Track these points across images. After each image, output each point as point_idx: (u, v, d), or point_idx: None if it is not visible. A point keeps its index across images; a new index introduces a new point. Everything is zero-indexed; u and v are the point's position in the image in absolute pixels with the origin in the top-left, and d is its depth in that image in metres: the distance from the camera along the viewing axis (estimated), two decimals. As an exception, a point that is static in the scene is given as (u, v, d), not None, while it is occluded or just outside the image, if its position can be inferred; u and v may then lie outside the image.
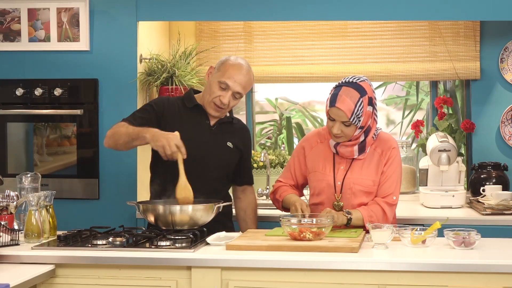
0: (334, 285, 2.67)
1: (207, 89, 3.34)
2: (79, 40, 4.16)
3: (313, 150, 3.31)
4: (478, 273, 2.60)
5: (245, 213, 3.51)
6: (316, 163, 3.28)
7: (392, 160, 3.21)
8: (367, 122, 3.14)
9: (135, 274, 2.78)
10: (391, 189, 3.19)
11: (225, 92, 3.28)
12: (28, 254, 2.81)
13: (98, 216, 4.08)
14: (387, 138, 3.27)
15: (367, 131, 3.16)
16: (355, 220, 3.09)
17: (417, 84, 5.38)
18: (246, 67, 3.33)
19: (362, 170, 3.20)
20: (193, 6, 4.09)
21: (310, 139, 3.35)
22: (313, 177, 3.28)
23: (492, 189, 4.07)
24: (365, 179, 3.18)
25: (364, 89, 3.11)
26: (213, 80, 3.31)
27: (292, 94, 5.55)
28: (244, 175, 3.53)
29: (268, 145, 5.53)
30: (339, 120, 3.09)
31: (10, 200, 3.11)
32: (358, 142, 3.17)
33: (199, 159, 3.26)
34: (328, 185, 3.22)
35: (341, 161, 3.23)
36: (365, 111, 3.10)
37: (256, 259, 2.70)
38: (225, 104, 3.29)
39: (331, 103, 3.09)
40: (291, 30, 4.61)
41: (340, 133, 3.11)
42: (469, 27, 4.45)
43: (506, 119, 4.36)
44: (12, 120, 4.23)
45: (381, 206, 3.15)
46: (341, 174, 3.21)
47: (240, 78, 3.29)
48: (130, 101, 4.14)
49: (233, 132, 3.43)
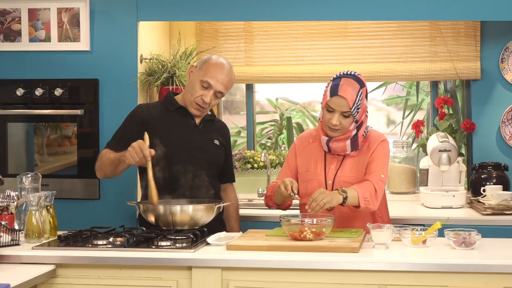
0: (334, 285, 2.67)
1: (189, 89, 3.35)
2: (80, 40, 4.16)
3: (305, 150, 3.31)
4: (478, 273, 2.60)
5: (228, 212, 3.51)
6: (307, 162, 3.28)
7: (379, 148, 3.20)
8: (362, 116, 3.16)
9: (136, 274, 2.78)
10: (378, 167, 3.16)
11: (207, 91, 3.29)
12: (29, 254, 2.81)
13: (99, 216, 4.08)
14: (376, 134, 3.28)
15: (359, 126, 3.17)
16: (351, 198, 3.02)
17: (418, 84, 5.38)
18: (228, 67, 3.34)
19: (352, 168, 3.20)
20: (193, 6, 4.09)
21: (302, 139, 3.37)
22: (303, 177, 3.28)
23: (493, 189, 4.07)
24: (356, 177, 3.18)
25: (362, 81, 3.16)
26: (195, 79, 3.31)
27: (292, 94, 5.55)
28: (227, 173, 3.55)
29: (269, 145, 5.53)
30: (339, 110, 3.10)
31: (10, 200, 3.11)
32: (350, 136, 3.16)
33: (191, 158, 3.27)
34: (319, 184, 3.21)
35: (332, 160, 3.24)
36: (363, 103, 3.13)
37: (257, 259, 2.71)
38: (207, 103, 3.30)
39: (333, 93, 3.10)
40: (292, 30, 4.62)
41: (338, 125, 3.11)
42: (470, 27, 4.45)
43: (507, 119, 4.36)
44: (13, 120, 4.23)
45: (372, 183, 3.10)
46: (332, 173, 3.22)
47: (222, 77, 3.30)
48: (130, 101, 4.14)
49: (216, 130, 3.46)
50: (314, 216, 2.97)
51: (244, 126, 5.16)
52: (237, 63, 4.61)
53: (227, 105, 5.57)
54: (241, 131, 5.51)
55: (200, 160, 3.32)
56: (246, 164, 4.63)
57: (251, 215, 4.01)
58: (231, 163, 3.63)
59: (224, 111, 5.23)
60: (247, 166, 4.63)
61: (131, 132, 3.27)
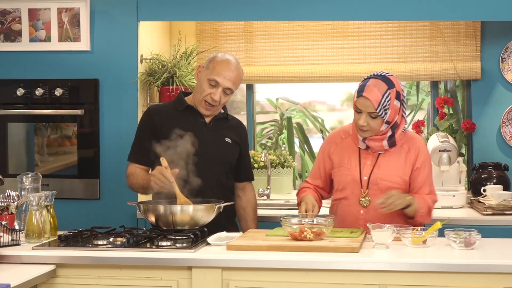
0: (334, 285, 2.67)
1: (198, 88, 3.36)
2: (80, 40, 4.17)
3: (338, 147, 3.29)
4: (478, 273, 2.60)
5: (245, 211, 3.51)
6: (341, 158, 3.26)
7: (424, 157, 3.22)
8: (394, 118, 3.12)
9: (136, 274, 2.78)
10: (431, 187, 3.23)
11: (215, 89, 3.30)
12: (29, 254, 2.81)
13: (99, 216, 4.08)
14: (413, 135, 3.29)
15: (394, 127, 3.15)
16: (411, 209, 3.10)
17: (418, 84, 5.38)
18: (234, 63, 3.35)
19: (389, 166, 3.19)
20: (194, 6, 4.09)
21: (334, 137, 3.35)
22: (338, 172, 3.27)
23: (493, 189, 4.07)
24: (393, 175, 3.17)
25: (392, 82, 3.13)
26: (203, 78, 3.33)
27: (292, 94, 5.55)
28: (244, 171, 3.53)
29: (269, 145, 5.52)
30: (366, 111, 3.09)
31: (10, 200, 3.11)
32: (385, 137, 3.16)
33: (200, 157, 3.26)
34: (353, 180, 3.20)
35: (367, 156, 3.22)
36: (392, 104, 3.09)
37: (257, 259, 2.70)
38: (216, 101, 3.31)
39: (359, 93, 3.10)
40: (292, 30, 4.62)
41: (366, 126, 3.10)
42: (470, 27, 4.45)
43: (507, 119, 4.36)
44: (13, 120, 4.23)
45: (428, 202, 3.17)
46: (367, 169, 3.20)
47: (229, 74, 3.30)
48: (130, 101, 4.14)
49: (229, 128, 3.45)
50: (314, 217, 2.99)
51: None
52: (237, 63, 4.60)
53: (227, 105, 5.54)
54: (241, 131, 5.50)
55: (207, 157, 3.30)
56: (246, 164, 4.62)
57: (251, 215, 4.00)
58: (249, 161, 3.58)
59: (225, 111, 5.22)
60: (248, 166, 4.62)
61: (147, 141, 3.30)
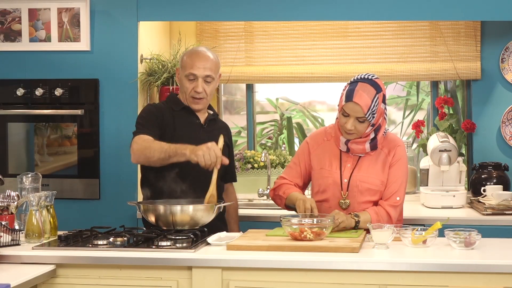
0: (334, 285, 2.67)
1: (181, 89, 3.41)
2: (80, 40, 4.16)
3: (319, 148, 3.30)
4: (478, 273, 2.60)
5: (228, 214, 3.52)
6: (322, 160, 3.27)
7: (398, 158, 3.22)
8: (379, 120, 3.15)
9: (136, 274, 2.78)
10: (395, 189, 3.19)
11: (196, 82, 3.33)
12: (29, 254, 2.81)
13: (99, 216, 4.08)
14: (393, 137, 3.29)
15: (377, 129, 3.17)
16: (363, 223, 3.08)
17: (418, 84, 5.38)
18: (203, 51, 3.40)
19: (369, 168, 3.20)
20: (194, 6, 4.09)
21: (316, 137, 3.35)
22: (318, 174, 3.27)
23: (493, 189, 4.07)
24: (372, 178, 3.18)
25: (379, 85, 3.14)
26: (182, 77, 3.39)
27: (292, 94, 5.55)
28: (230, 173, 3.55)
29: (269, 145, 5.53)
30: (354, 115, 3.09)
31: (10, 200, 3.11)
32: (368, 140, 3.17)
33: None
34: (334, 182, 3.21)
35: (348, 159, 3.23)
36: (379, 108, 3.11)
37: (257, 259, 2.71)
38: (201, 92, 3.33)
39: (348, 98, 3.09)
40: (292, 30, 4.61)
41: (353, 130, 3.11)
42: (470, 27, 4.45)
43: (507, 119, 4.35)
44: (13, 120, 4.23)
45: (385, 210, 3.15)
46: (347, 171, 3.21)
47: (202, 63, 3.34)
48: (131, 101, 4.14)
49: (220, 129, 3.46)
50: (321, 216, 2.99)
51: (244, 126, 5.16)
52: (237, 63, 4.61)
53: (227, 105, 5.57)
54: (241, 131, 5.51)
55: None
56: (246, 164, 4.63)
57: (251, 215, 4.01)
58: (233, 162, 3.64)
59: (225, 111, 5.23)
60: (247, 166, 4.63)
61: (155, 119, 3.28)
